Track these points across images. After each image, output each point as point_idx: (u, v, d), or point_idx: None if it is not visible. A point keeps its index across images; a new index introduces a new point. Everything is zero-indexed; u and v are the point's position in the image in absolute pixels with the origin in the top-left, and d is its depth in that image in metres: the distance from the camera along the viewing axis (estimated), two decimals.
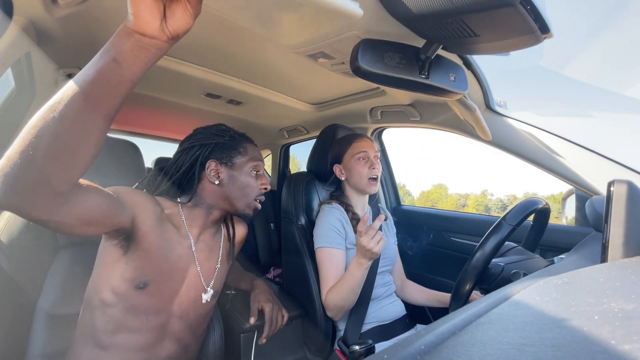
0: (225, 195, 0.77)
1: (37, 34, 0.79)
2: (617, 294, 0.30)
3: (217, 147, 0.78)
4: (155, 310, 0.71)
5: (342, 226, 1.02)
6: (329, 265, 0.98)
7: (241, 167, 0.78)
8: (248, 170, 0.78)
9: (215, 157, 0.77)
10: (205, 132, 0.81)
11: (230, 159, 0.78)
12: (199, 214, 0.77)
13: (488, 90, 0.97)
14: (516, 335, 0.24)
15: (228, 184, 0.76)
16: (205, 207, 0.77)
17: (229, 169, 0.77)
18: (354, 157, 1.06)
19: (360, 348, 0.63)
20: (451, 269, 1.34)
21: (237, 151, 0.79)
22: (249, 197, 0.77)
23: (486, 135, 0.99)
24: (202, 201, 0.77)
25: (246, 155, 0.79)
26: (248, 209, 0.78)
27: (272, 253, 1.98)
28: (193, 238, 0.76)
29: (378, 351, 0.28)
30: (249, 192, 0.77)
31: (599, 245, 0.53)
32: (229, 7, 0.72)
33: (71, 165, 0.42)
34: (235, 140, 0.81)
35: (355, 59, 0.65)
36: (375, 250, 0.81)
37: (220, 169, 0.77)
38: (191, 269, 0.76)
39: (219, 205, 0.78)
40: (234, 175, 0.77)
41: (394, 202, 1.66)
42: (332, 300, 0.93)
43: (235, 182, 0.77)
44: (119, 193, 0.63)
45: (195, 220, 0.77)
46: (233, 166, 0.77)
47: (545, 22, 0.52)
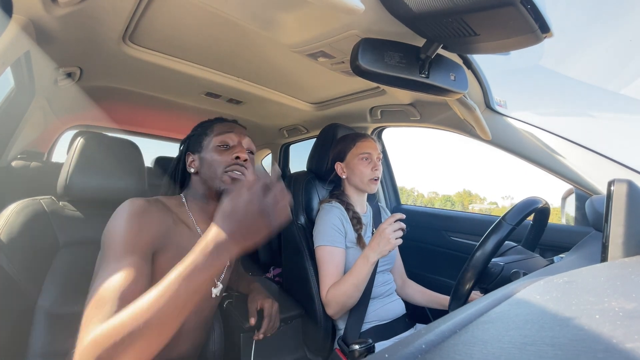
0: (203, 179, 0.76)
1: (36, 33, 0.78)
2: (617, 293, 0.30)
3: (192, 139, 0.81)
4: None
5: (342, 225, 1.02)
6: (329, 264, 0.98)
7: (207, 146, 0.77)
8: (214, 147, 0.76)
9: (191, 149, 0.80)
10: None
11: (200, 145, 0.78)
12: (199, 206, 0.78)
13: (488, 90, 0.97)
14: (517, 334, 0.24)
15: (201, 169, 0.77)
16: (201, 198, 0.78)
17: (199, 154, 0.78)
18: (357, 156, 1.06)
19: (360, 347, 0.64)
20: (451, 269, 1.34)
21: (205, 134, 0.79)
22: (218, 172, 0.74)
23: (486, 135, 0.99)
24: (197, 193, 0.79)
25: (211, 134, 0.78)
26: (223, 183, 0.73)
27: (271, 252, 1.98)
28: (203, 232, 0.76)
29: (378, 350, 0.28)
30: (216, 166, 0.74)
31: (599, 244, 0.53)
32: (229, 7, 0.72)
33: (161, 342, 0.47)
34: (205, 126, 0.81)
35: (356, 58, 0.65)
36: (392, 242, 0.84)
37: (194, 157, 0.79)
38: None
39: (207, 192, 0.77)
40: (202, 157, 0.77)
41: (394, 202, 1.66)
42: (334, 297, 0.93)
43: (204, 163, 0.76)
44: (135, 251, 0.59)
45: (200, 214, 0.78)
46: (201, 150, 0.78)
47: (545, 21, 0.52)
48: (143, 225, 0.63)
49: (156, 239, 0.65)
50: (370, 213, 1.16)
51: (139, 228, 0.62)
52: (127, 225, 0.61)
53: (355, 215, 1.06)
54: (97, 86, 1.25)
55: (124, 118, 1.86)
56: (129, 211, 0.63)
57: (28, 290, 0.73)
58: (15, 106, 1.17)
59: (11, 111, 1.18)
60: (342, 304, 0.93)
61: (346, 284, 0.91)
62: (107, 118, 1.78)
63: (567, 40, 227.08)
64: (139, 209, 0.64)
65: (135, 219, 0.62)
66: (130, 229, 0.61)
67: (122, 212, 0.63)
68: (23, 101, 1.19)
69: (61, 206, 0.83)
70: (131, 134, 2.18)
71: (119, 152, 0.89)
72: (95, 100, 1.45)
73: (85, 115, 1.79)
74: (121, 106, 1.59)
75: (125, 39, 0.90)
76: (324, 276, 0.98)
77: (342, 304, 0.93)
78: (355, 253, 1.02)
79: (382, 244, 0.84)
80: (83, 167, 0.81)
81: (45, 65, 1.00)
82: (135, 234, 0.61)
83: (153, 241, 0.64)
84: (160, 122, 1.96)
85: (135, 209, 0.64)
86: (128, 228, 0.61)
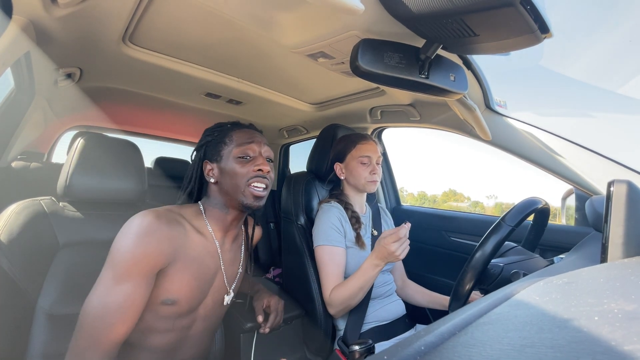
0: (224, 190, 0.75)
1: (36, 33, 0.78)
2: (617, 294, 0.30)
3: (208, 146, 0.78)
4: (183, 314, 0.72)
5: (341, 225, 1.02)
6: (330, 264, 0.98)
7: (227, 157, 0.75)
8: (234, 158, 0.74)
9: (208, 157, 0.78)
10: (202, 135, 0.81)
11: (218, 154, 0.76)
12: (217, 215, 0.76)
13: (488, 90, 0.97)
14: (516, 336, 0.24)
15: (221, 179, 0.75)
16: (220, 207, 0.76)
17: (218, 164, 0.76)
18: (357, 159, 1.06)
19: (360, 348, 0.63)
20: (451, 269, 1.34)
21: (223, 143, 0.76)
22: (241, 185, 0.72)
23: (486, 135, 0.99)
24: (216, 202, 0.77)
25: (231, 144, 0.76)
26: (245, 197, 0.72)
27: (272, 253, 1.98)
28: (218, 242, 0.76)
29: (378, 351, 0.28)
30: (239, 180, 0.72)
31: (598, 245, 0.53)
32: (229, 7, 0.72)
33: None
34: (222, 133, 0.78)
35: (355, 59, 0.65)
36: (401, 257, 0.84)
37: (212, 167, 0.76)
38: (219, 273, 0.77)
39: (228, 202, 0.76)
40: (222, 167, 0.75)
41: (393, 202, 1.66)
42: (338, 298, 0.93)
43: (225, 174, 0.74)
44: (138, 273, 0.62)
45: (217, 223, 0.76)
46: (221, 160, 0.75)
47: (545, 21, 0.52)
48: (149, 245, 0.62)
49: (164, 255, 0.64)
50: (370, 213, 1.16)
51: (144, 250, 0.61)
52: (133, 247, 0.61)
53: (354, 215, 1.06)
54: (97, 87, 1.26)
55: (124, 119, 1.86)
56: (137, 231, 0.62)
57: (28, 290, 0.73)
58: (15, 107, 1.18)
59: (11, 112, 1.18)
60: (346, 304, 0.93)
61: (352, 286, 0.91)
62: (107, 119, 1.79)
63: (567, 40, 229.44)
64: (148, 228, 0.63)
65: (142, 241, 0.61)
66: (136, 250, 0.61)
67: (130, 231, 0.62)
68: (23, 102, 1.19)
69: (61, 207, 0.83)
70: (131, 134, 2.18)
71: (119, 152, 0.89)
72: (95, 100, 1.45)
73: (85, 116, 1.79)
74: (121, 107, 1.59)
75: (125, 40, 0.90)
76: (325, 276, 0.98)
77: (345, 304, 0.93)
78: (355, 253, 1.02)
79: (391, 258, 0.84)
80: (83, 167, 0.82)
81: (45, 65, 1.00)
82: (140, 257, 0.61)
83: (159, 259, 0.64)
84: (160, 122, 1.96)
85: (143, 229, 0.62)
86: (133, 250, 0.61)
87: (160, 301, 0.67)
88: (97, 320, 0.58)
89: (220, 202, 0.76)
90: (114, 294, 0.59)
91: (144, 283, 0.62)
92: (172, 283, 0.67)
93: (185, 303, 0.69)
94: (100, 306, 0.59)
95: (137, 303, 0.61)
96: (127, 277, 0.60)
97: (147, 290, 0.63)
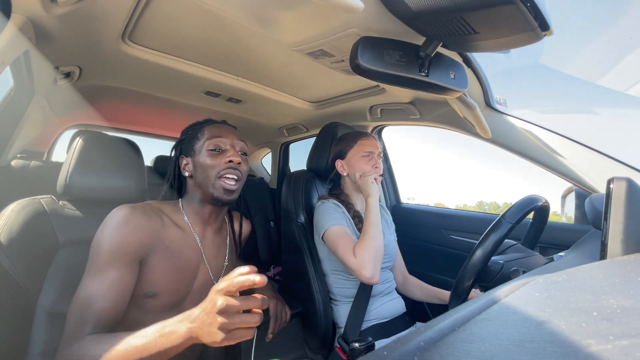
0: (197, 183, 0.77)
1: (35, 32, 0.78)
2: (615, 291, 0.30)
3: (184, 143, 0.81)
4: (169, 308, 0.72)
5: (342, 212, 1.03)
6: (344, 238, 0.94)
7: (200, 150, 0.77)
8: (206, 150, 0.76)
9: (183, 152, 0.81)
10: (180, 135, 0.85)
11: (192, 148, 0.78)
12: (195, 209, 0.79)
13: (488, 88, 0.97)
14: (515, 332, 0.25)
15: (195, 172, 0.77)
16: (197, 202, 0.79)
17: (192, 158, 0.78)
18: (358, 154, 1.06)
19: (360, 345, 0.64)
20: (451, 267, 1.34)
21: (196, 138, 0.79)
22: (211, 177, 0.74)
23: (486, 133, 0.99)
24: (193, 196, 0.79)
25: (203, 137, 0.78)
26: (216, 190, 0.74)
27: (272, 251, 1.99)
28: (198, 236, 0.78)
29: (378, 348, 0.28)
30: (210, 172, 0.74)
31: (598, 242, 0.53)
32: (228, 5, 0.72)
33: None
34: (196, 129, 0.81)
35: (355, 57, 0.65)
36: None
37: (187, 161, 0.79)
38: (201, 267, 0.78)
39: (202, 196, 0.77)
40: (196, 161, 0.77)
41: (393, 200, 1.66)
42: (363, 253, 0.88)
43: (198, 167, 0.76)
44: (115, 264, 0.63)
45: (195, 217, 0.79)
46: (194, 153, 0.78)
47: (545, 19, 0.52)
48: (127, 235, 0.64)
49: (143, 245, 0.66)
50: None
51: (122, 239, 0.64)
52: (111, 236, 0.64)
53: (356, 214, 1.06)
54: (96, 85, 1.25)
55: (124, 117, 1.86)
56: (113, 223, 0.65)
57: (28, 289, 0.73)
58: (15, 105, 1.17)
59: (11, 110, 1.18)
60: (374, 253, 0.89)
61: (368, 235, 0.91)
62: (106, 117, 1.78)
63: (566, 38, 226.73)
64: (123, 217, 0.66)
65: (118, 229, 0.64)
66: (113, 240, 0.64)
67: (107, 223, 0.66)
68: (22, 100, 1.19)
69: (61, 205, 0.83)
70: (131, 133, 2.17)
71: (118, 151, 0.89)
72: (95, 99, 1.45)
73: (85, 115, 1.78)
74: (121, 105, 1.58)
75: (124, 38, 0.90)
76: (345, 249, 0.92)
77: (373, 253, 0.89)
78: None
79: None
80: (83, 166, 0.82)
81: (44, 64, 1.00)
82: (117, 245, 0.63)
83: (138, 248, 0.66)
84: (159, 121, 1.96)
85: (119, 219, 0.65)
86: (111, 239, 0.64)
87: (142, 294, 0.68)
88: (84, 309, 0.59)
89: (197, 197, 0.78)
90: (98, 284, 0.61)
91: (128, 271, 0.64)
92: (152, 275, 0.68)
93: (167, 295, 0.70)
94: (86, 296, 0.60)
95: (122, 290, 0.62)
96: (109, 266, 0.62)
97: (132, 278, 0.65)
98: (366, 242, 0.90)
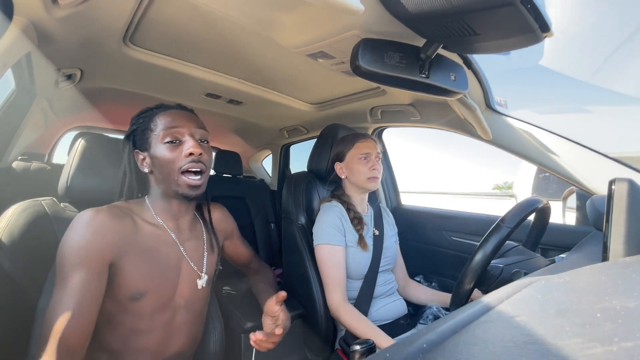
0: (159, 179, 0.71)
1: (37, 34, 0.79)
2: (618, 292, 0.30)
3: (136, 135, 0.73)
4: (159, 310, 0.71)
5: (341, 224, 1.02)
6: (331, 266, 0.98)
7: (156, 143, 0.69)
8: (162, 143, 0.68)
9: (137, 146, 0.73)
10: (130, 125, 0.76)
11: (147, 141, 0.70)
12: (162, 206, 0.74)
13: (488, 90, 0.97)
14: (518, 334, 0.24)
15: (154, 168, 0.70)
16: (162, 198, 0.74)
17: (148, 153, 0.70)
18: (356, 157, 1.06)
19: (361, 347, 0.63)
20: (452, 269, 1.34)
21: (149, 129, 0.71)
22: (173, 174, 0.68)
23: (486, 135, 0.99)
24: (157, 193, 0.74)
25: (157, 128, 0.69)
26: (180, 187, 0.68)
27: (272, 253, 1.98)
28: (172, 231, 0.75)
29: (379, 350, 0.28)
30: (170, 166, 0.68)
31: (599, 244, 0.53)
32: (229, 8, 0.72)
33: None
34: (147, 119, 0.72)
35: (356, 59, 0.65)
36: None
37: (144, 155, 0.71)
38: (183, 261, 0.76)
39: (167, 192, 0.72)
40: (152, 155, 0.69)
41: (394, 202, 1.66)
42: (346, 319, 0.92)
43: (156, 162, 0.69)
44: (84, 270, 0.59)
45: (165, 214, 0.75)
46: (150, 147, 0.70)
47: (545, 20, 0.52)
48: (89, 238, 0.61)
49: (109, 247, 0.63)
50: (371, 213, 1.16)
51: (84, 242, 0.60)
52: (72, 241, 0.60)
53: (357, 216, 1.06)
54: (97, 87, 1.26)
55: (125, 119, 1.85)
56: (75, 226, 0.62)
57: (28, 291, 0.73)
58: (16, 108, 1.18)
59: (12, 112, 1.18)
60: (349, 327, 0.92)
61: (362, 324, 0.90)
62: (108, 119, 1.79)
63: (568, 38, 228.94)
64: (85, 221, 0.62)
65: (80, 233, 0.61)
66: (75, 244, 0.60)
67: (70, 228, 0.62)
68: (24, 103, 1.19)
69: (62, 207, 0.83)
70: None
71: (119, 153, 0.89)
72: (96, 101, 1.45)
73: (86, 117, 1.79)
74: (122, 107, 1.59)
75: (125, 40, 0.90)
76: (327, 278, 0.98)
77: (349, 326, 0.92)
78: (356, 253, 1.02)
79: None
80: (84, 168, 0.82)
81: (46, 66, 1.00)
82: (79, 249, 0.60)
83: (103, 251, 0.62)
84: None
85: (81, 222, 0.62)
86: (73, 244, 0.60)
87: (128, 297, 0.66)
88: (46, 323, 0.55)
89: (161, 193, 0.73)
90: (61, 293, 0.57)
91: (93, 276, 0.59)
92: (131, 277, 0.65)
93: (153, 295, 0.68)
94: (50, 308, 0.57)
95: (87, 296, 0.58)
96: (72, 272, 0.58)
97: (98, 283, 0.60)
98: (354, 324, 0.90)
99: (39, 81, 1.09)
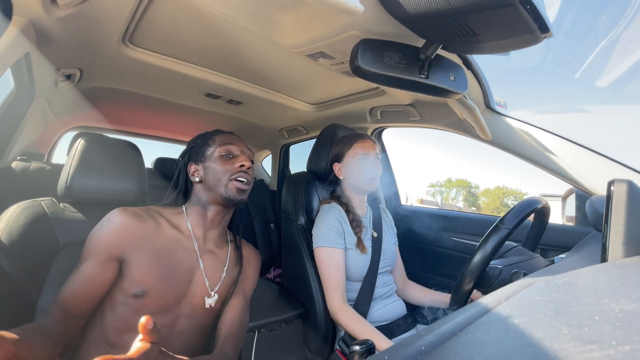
0: (207, 187, 0.80)
1: (36, 34, 0.79)
2: (617, 294, 0.30)
3: (193, 151, 0.85)
4: (161, 311, 0.71)
5: (340, 226, 1.02)
6: (330, 268, 0.98)
7: (211, 156, 0.81)
8: (217, 156, 0.81)
9: (192, 159, 0.84)
10: (187, 145, 0.89)
11: (203, 155, 0.83)
12: (198, 211, 0.81)
13: (488, 90, 0.97)
14: (517, 336, 0.24)
15: (205, 177, 0.81)
16: (201, 204, 0.81)
17: (202, 164, 0.82)
18: (354, 157, 1.06)
19: (360, 348, 0.63)
20: (451, 269, 1.34)
21: (207, 145, 0.83)
22: (224, 180, 0.79)
23: (486, 135, 0.99)
24: (198, 200, 0.82)
25: (214, 145, 0.83)
26: (228, 191, 0.79)
27: (272, 253, 1.99)
28: (197, 239, 0.79)
29: (378, 352, 0.28)
30: (222, 175, 0.79)
31: (599, 244, 0.53)
32: (228, 8, 0.72)
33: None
34: (206, 138, 0.86)
35: (355, 59, 0.65)
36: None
37: (197, 167, 0.82)
38: (197, 272, 0.77)
39: (209, 199, 0.81)
40: (207, 166, 0.81)
41: (394, 203, 1.66)
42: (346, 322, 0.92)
43: (209, 171, 0.80)
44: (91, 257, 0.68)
45: (197, 219, 0.81)
46: (205, 160, 0.82)
47: (544, 21, 0.52)
48: (103, 233, 0.70)
49: (121, 243, 0.70)
50: (370, 214, 1.16)
51: (98, 236, 0.70)
52: (92, 234, 0.71)
53: (356, 218, 1.06)
54: (97, 87, 1.26)
55: (124, 119, 1.86)
56: (100, 222, 0.72)
57: (28, 291, 0.73)
58: (16, 107, 1.18)
59: (11, 112, 1.18)
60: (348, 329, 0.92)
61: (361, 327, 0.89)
62: (107, 119, 1.79)
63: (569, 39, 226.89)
64: (107, 218, 0.72)
65: (99, 228, 0.71)
66: (91, 237, 0.70)
67: (98, 223, 0.72)
68: (23, 102, 1.19)
69: (62, 207, 0.83)
70: (131, 135, 2.18)
71: (119, 153, 0.89)
72: (95, 101, 1.45)
73: (86, 117, 1.79)
74: (121, 107, 1.59)
75: (125, 40, 0.90)
76: (327, 281, 0.98)
77: (348, 328, 0.92)
78: (355, 255, 1.02)
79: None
80: (83, 168, 0.82)
81: (45, 66, 1.00)
82: (93, 242, 0.70)
83: (113, 247, 0.69)
84: (160, 123, 1.96)
85: (105, 219, 0.72)
86: (91, 236, 0.71)
87: (131, 293, 0.69)
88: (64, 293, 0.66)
89: (203, 199, 0.81)
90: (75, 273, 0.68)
91: (98, 267, 0.67)
92: (139, 273, 0.70)
93: (156, 295, 0.70)
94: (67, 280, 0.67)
95: (87, 283, 0.66)
96: (84, 260, 0.68)
97: (102, 274, 0.68)
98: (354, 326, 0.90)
99: (38, 81, 1.09)
